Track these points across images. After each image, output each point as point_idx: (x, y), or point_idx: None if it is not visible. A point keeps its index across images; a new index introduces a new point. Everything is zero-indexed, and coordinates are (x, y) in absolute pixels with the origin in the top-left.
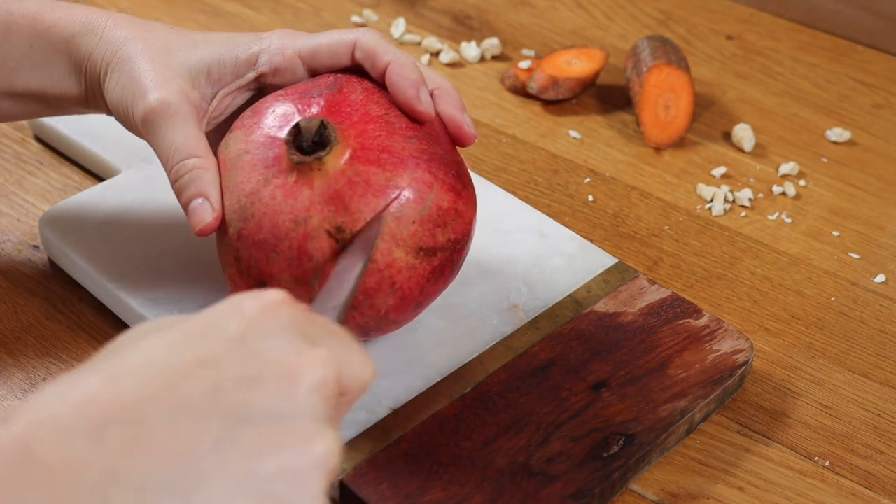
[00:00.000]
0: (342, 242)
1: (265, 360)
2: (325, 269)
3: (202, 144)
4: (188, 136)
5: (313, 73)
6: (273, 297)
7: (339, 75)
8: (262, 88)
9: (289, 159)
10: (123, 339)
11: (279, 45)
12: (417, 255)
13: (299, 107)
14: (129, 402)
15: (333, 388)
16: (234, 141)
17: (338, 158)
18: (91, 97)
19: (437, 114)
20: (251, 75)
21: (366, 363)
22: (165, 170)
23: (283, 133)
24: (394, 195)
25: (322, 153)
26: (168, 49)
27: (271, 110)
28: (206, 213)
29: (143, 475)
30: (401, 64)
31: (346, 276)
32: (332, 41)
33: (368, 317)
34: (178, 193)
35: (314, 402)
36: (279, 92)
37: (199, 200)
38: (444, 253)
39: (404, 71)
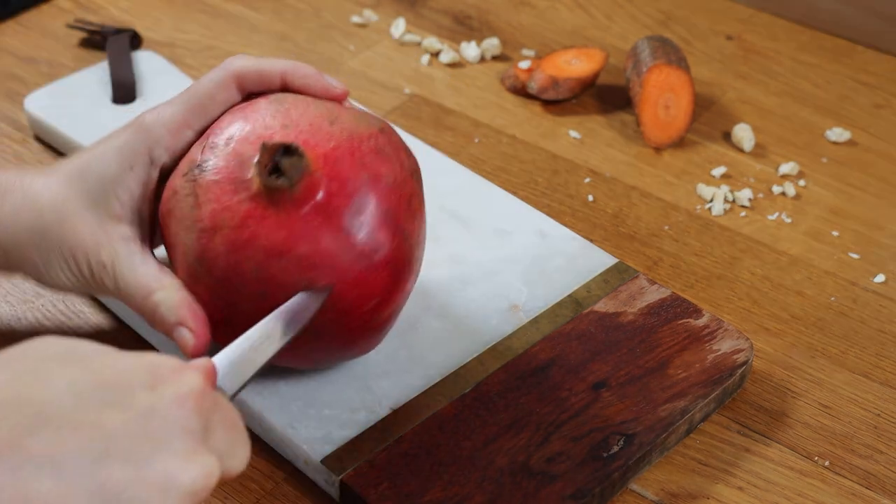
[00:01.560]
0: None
1: (157, 449)
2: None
3: (152, 273)
4: (137, 276)
5: (206, 128)
6: (189, 386)
7: (229, 113)
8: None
9: (284, 198)
10: (23, 356)
11: (160, 129)
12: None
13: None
14: (9, 445)
15: (207, 494)
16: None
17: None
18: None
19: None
20: (155, 174)
21: (244, 457)
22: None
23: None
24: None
25: (299, 162)
26: (65, 204)
27: (227, 180)
28: (186, 339)
29: None
30: (295, 66)
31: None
32: (207, 88)
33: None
34: (160, 330)
35: None
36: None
37: (180, 331)
38: None
39: (302, 70)
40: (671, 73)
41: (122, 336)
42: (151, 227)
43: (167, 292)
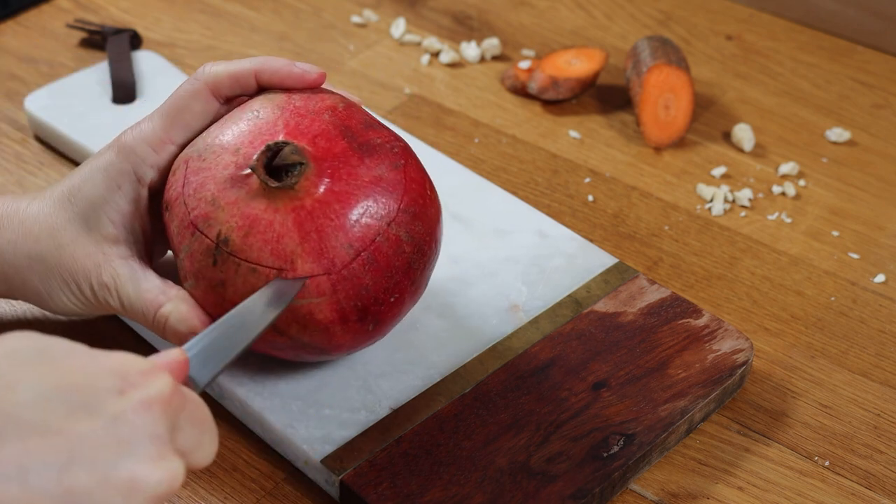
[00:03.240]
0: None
1: (123, 455)
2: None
3: (156, 287)
4: (141, 293)
5: (188, 140)
6: (158, 390)
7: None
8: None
9: (307, 181)
10: None
11: (143, 147)
12: None
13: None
14: None
15: (172, 496)
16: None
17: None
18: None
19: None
20: (144, 192)
21: (211, 450)
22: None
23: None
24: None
25: (289, 146)
26: (59, 229)
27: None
28: None
29: None
30: (264, 62)
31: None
32: (183, 101)
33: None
34: (173, 342)
35: None
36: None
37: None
38: None
39: (271, 63)
40: (671, 73)
41: (120, 335)
42: (146, 242)
43: (174, 304)
